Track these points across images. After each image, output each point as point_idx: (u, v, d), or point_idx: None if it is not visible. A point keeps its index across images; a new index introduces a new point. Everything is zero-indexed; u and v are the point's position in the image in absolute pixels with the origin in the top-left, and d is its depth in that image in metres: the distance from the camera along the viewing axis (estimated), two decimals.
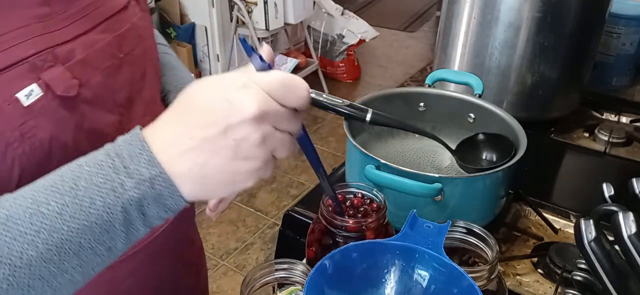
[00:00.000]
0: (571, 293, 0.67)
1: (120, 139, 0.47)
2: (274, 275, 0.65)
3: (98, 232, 0.44)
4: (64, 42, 0.55)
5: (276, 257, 1.00)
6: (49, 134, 0.52)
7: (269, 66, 0.47)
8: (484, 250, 0.67)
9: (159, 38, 0.84)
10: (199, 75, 3.46)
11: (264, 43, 0.49)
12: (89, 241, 0.44)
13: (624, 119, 1.34)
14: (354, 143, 0.87)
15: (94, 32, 0.59)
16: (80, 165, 0.46)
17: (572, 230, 0.87)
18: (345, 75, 3.84)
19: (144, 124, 0.55)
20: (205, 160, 0.44)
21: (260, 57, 0.46)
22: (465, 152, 0.97)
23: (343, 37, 3.69)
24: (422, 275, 0.60)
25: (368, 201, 0.73)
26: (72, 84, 0.54)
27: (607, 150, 1.21)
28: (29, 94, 0.50)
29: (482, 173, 0.85)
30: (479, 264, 0.69)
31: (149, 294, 0.74)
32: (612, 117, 1.35)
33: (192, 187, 0.46)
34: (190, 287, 0.86)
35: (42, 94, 0.51)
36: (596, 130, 1.26)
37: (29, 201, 0.44)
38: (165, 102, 0.77)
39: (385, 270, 0.61)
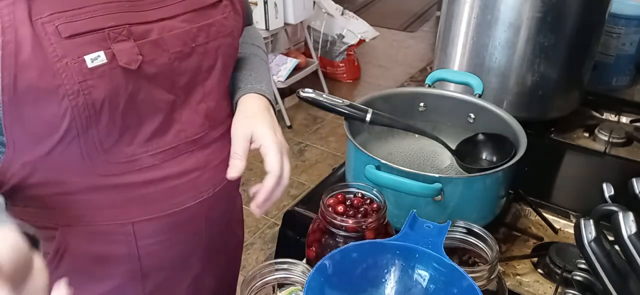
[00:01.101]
0: (571, 293, 0.67)
1: None
2: (274, 275, 0.65)
3: None
4: (144, 22, 0.64)
5: (276, 257, 1.00)
6: (103, 96, 0.61)
7: None
8: (484, 250, 0.67)
9: (255, 39, 0.92)
10: None
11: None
12: None
13: (624, 119, 1.34)
14: (354, 143, 0.87)
15: (176, 20, 0.67)
16: None
17: (572, 230, 0.87)
18: (345, 75, 3.84)
19: (198, 110, 0.71)
20: None
21: None
22: (465, 152, 0.97)
23: (343, 37, 3.69)
24: (422, 275, 0.60)
25: (368, 201, 0.73)
26: (135, 58, 0.62)
27: (607, 150, 1.21)
28: (95, 58, 0.59)
29: (482, 173, 0.85)
30: (479, 264, 0.70)
31: (167, 261, 0.79)
32: (612, 117, 1.35)
33: None
34: (218, 269, 0.90)
35: (106, 61, 0.60)
36: (596, 130, 1.26)
37: None
38: (231, 96, 0.81)
39: (385, 270, 0.61)
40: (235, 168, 0.71)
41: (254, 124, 0.74)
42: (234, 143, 0.73)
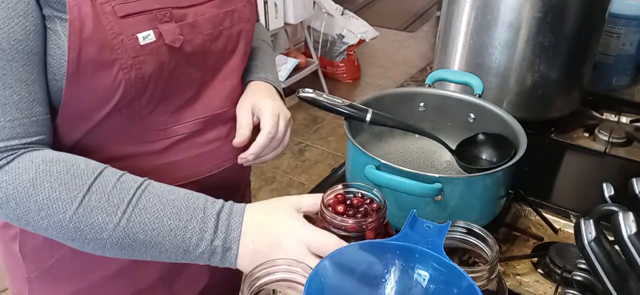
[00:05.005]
0: (571, 293, 0.67)
1: (230, 211, 0.66)
2: (274, 275, 0.65)
3: (176, 251, 0.64)
4: (181, 7, 0.71)
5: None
6: (151, 70, 0.68)
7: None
8: (484, 250, 0.67)
9: (262, 34, 0.99)
10: None
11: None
12: (168, 251, 0.64)
13: (624, 119, 1.34)
14: (354, 143, 0.87)
15: (206, 6, 0.75)
16: (198, 208, 0.65)
17: (572, 230, 0.88)
18: (345, 75, 3.84)
19: (222, 88, 0.81)
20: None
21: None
22: (465, 152, 0.97)
23: (343, 37, 3.69)
24: (422, 275, 0.60)
25: (368, 201, 0.73)
26: (178, 38, 0.70)
27: (607, 150, 1.21)
28: (146, 36, 0.67)
29: (482, 173, 0.85)
30: (479, 264, 0.69)
31: None
32: (612, 117, 1.35)
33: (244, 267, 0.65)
34: None
35: (155, 39, 0.68)
36: (596, 130, 1.26)
37: (161, 206, 0.63)
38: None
39: (385, 270, 0.61)
40: (240, 136, 0.80)
41: (254, 98, 0.84)
42: (239, 117, 0.83)
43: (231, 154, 0.84)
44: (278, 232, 0.65)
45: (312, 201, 0.68)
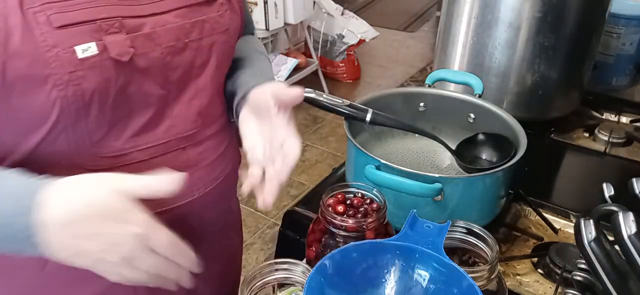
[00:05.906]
0: (571, 293, 0.67)
1: (27, 191, 0.55)
2: (274, 275, 0.65)
3: None
4: (137, 16, 0.63)
5: (276, 257, 1.00)
6: (93, 87, 0.60)
7: None
8: (484, 250, 0.67)
9: (258, 46, 0.91)
10: None
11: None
12: None
13: (624, 119, 1.34)
14: (354, 143, 0.87)
15: (169, 15, 0.67)
16: None
17: (572, 230, 0.87)
18: (345, 75, 3.84)
19: (190, 107, 0.71)
20: (75, 254, 0.56)
21: None
22: (465, 152, 0.97)
23: (343, 37, 3.69)
24: (422, 275, 0.60)
25: (368, 201, 0.73)
26: (127, 51, 0.62)
27: (607, 150, 1.21)
28: (86, 49, 0.59)
29: (482, 173, 0.85)
30: (479, 264, 0.70)
31: None
32: (612, 117, 1.35)
33: (54, 256, 0.56)
34: (214, 277, 0.88)
35: (97, 53, 0.60)
36: (596, 130, 1.26)
37: None
38: (228, 97, 0.80)
39: (385, 270, 0.61)
40: (251, 176, 0.67)
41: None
42: (247, 141, 0.72)
43: (201, 183, 0.74)
44: (88, 189, 0.56)
45: (145, 184, 0.57)
